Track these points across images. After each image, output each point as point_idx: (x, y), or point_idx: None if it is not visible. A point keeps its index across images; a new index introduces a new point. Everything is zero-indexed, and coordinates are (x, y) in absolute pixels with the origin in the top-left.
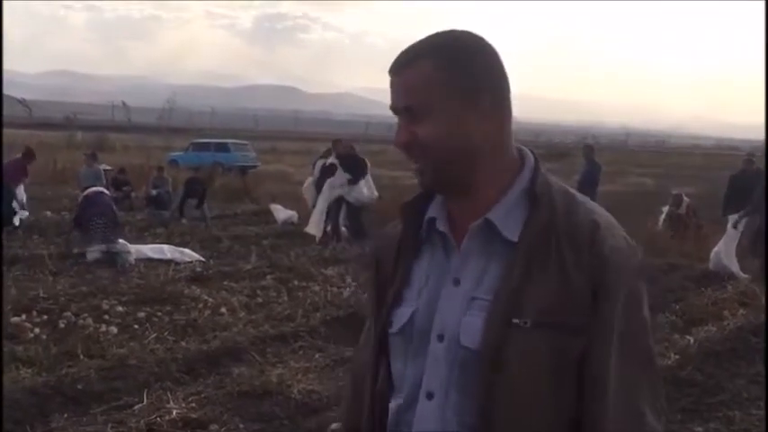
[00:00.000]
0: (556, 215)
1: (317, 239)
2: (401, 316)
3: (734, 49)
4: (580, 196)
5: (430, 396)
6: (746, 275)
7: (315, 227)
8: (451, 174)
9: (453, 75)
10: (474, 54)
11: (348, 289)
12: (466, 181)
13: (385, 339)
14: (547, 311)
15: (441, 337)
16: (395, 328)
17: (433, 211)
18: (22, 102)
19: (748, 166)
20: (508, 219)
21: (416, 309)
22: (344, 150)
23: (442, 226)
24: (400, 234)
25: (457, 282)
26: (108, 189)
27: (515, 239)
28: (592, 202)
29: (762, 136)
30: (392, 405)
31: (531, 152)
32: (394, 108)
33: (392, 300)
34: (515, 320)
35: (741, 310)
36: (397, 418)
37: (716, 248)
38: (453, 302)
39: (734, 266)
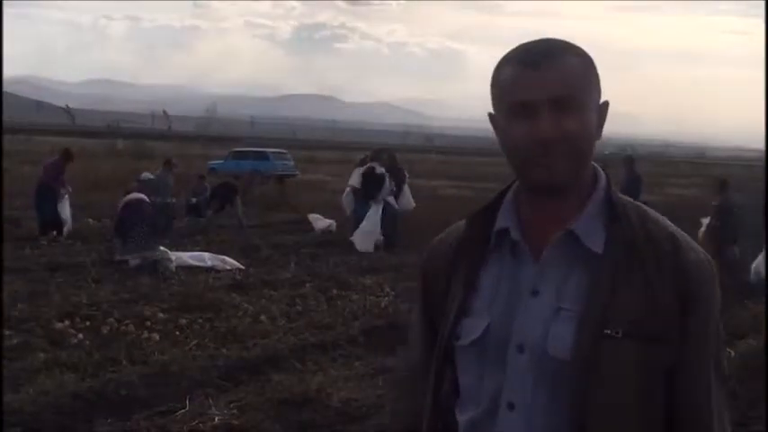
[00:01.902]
0: (634, 228)
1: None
2: (473, 328)
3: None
4: (649, 210)
5: (511, 407)
6: None
7: (367, 242)
8: (576, 174)
9: (594, 75)
10: (595, 66)
11: (386, 298)
12: (575, 184)
13: (450, 351)
14: (636, 322)
15: (521, 348)
16: (466, 341)
17: (503, 220)
18: (66, 109)
19: None
20: (590, 230)
21: (491, 321)
22: (390, 161)
23: (516, 235)
24: (463, 244)
25: (535, 293)
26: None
27: (600, 251)
28: (660, 215)
29: None
30: (463, 418)
31: (624, 161)
32: (530, 100)
33: (458, 310)
34: (607, 331)
35: None
36: (473, 429)
37: (756, 261)
38: (534, 313)
39: None
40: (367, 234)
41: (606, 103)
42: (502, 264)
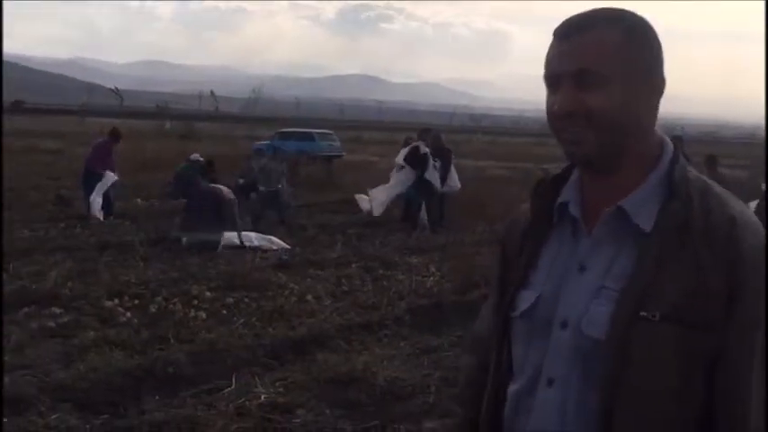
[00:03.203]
0: (692, 209)
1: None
2: (525, 300)
3: None
4: (718, 188)
5: (550, 383)
6: None
7: (379, 205)
8: (611, 148)
9: (636, 47)
10: (650, 31)
11: (432, 278)
12: (618, 158)
13: (508, 322)
14: (677, 306)
15: (564, 324)
16: (518, 312)
17: (566, 194)
18: (115, 91)
19: None
20: (643, 208)
21: (541, 294)
22: (434, 141)
23: (574, 210)
24: (529, 217)
25: (582, 268)
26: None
27: (648, 230)
28: (729, 194)
29: None
30: (511, 389)
31: (672, 141)
32: (556, 73)
33: (518, 283)
34: (643, 313)
35: None
36: (516, 402)
37: None
38: (579, 289)
39: None
40: (380, 191)
41: (663, 79)
42: (562, 238)
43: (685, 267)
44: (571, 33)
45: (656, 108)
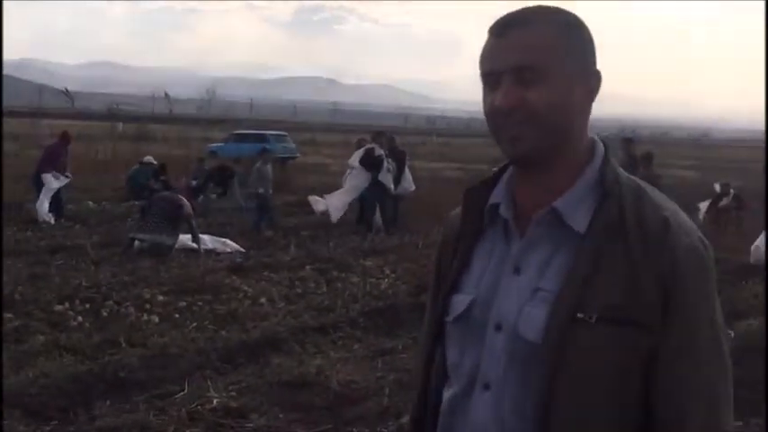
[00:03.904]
0: (625, 209)
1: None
2: (459, 303)
3: None
4: (650, 189)
5: (486, 387)
6: None
7: (336, 210)
8: (550, 146)
9: (573, 43)
10: (585, 28)
11: (386, 280)
12: (555, 157)
13: (442, 326)
14: (613, 307)
15: (498, 327)
16: (451, 316)
17: (497, 196)
18: (66, 92)
19: None
20: (576, 209)
21: (475, 297)
22: (388, 143)
23: (505, 212)
24: (461, 220)
25: (517, 270)
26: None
27: (582, 231)
28: (662, 195)
29: None
30: (446, 394)
31: (602, 141)
32: (495, 70)
33: (450, 286)
34: (580, 315)
35: None
36: (451, 407)
37: (757, 242)
38: (513, 292)
39: None
40: (336, 197)
41: (597, 73)
42: (494, 240)
43: (620, 268)
44: (508, 30)
45: (590, 108)
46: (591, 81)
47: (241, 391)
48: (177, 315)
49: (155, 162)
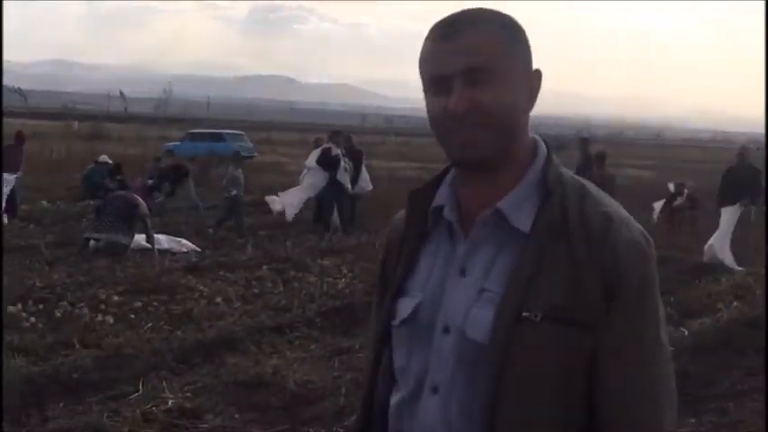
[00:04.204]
0: (568, 208)
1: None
2: (405, 307)
3: (729, 43)
4: (593, 188)
5: (435, 390)
6: (741, 268)
7: (291, 208)
8: (501, 148)
9: (515, 45)
10: (522, 30)
11: (344, 279)
12: (502, 159)
13: (388, 331)
14: (557, 307)
15: (446, 330)
16: (398, 320)
17: (441, 199)
18: (18, 91)
19: (742, 160)
20: (520, 209)
21: (421, 300)
22: (346, 142)
23: (449, 214)
24: (405, 223)
25: (463, 272)
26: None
27: (527, 231)
28: (603, 193)
29: (758, 129)
30: (394, 398)
31: (545, 141)
32: (444, 74)
33: (396, 290)
34: (525, 314)
35: (735, 303)
36: (399, 411)
37: (710, 241)
38: (460, 294)
39: (728, 259)
40: (292, 195)
41: (537, 72)
42: (439, 242)
43: (564, 266)
44: (454, 33)
45: (532, 107)
46: (533, 80)
47: (196, 391)
48: (132, 315)
49: (110, 161)
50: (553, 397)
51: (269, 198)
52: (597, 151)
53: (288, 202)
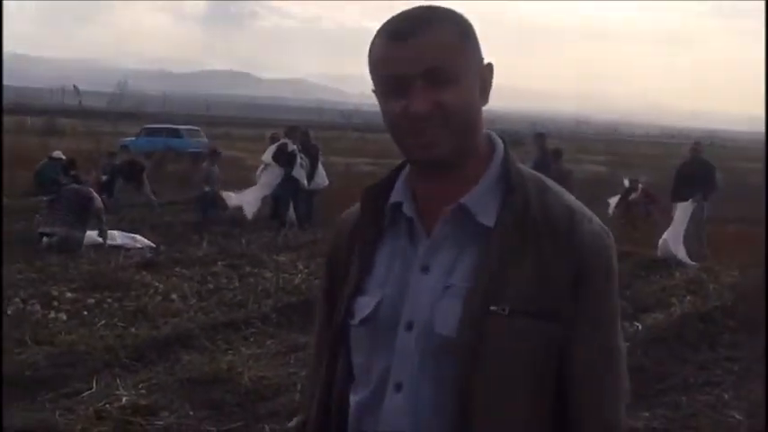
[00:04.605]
0: (531, 202)
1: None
2: (364, 306)
3: (678, 38)
4: (550, 182)
5: (398, 387)
6: (694, 263)
7: (250, 207)
8: (463, 146)
9: (469, 42)
10: (473, 28)
11: (300, 275)
12: (465, 155)
13: (344, 331)
14: (526, 298)
15: (409, 326)
16: (357, 320)
17: (397, 195)
18: None
19: (695, 155)
20: (483, 204)
21: (381, 299)
22: (302, 138)
23: (408, 210)
24: (357, 220)
25: (425, 269)
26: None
27: (492, 225)
28: (562, 188)
29: (709, 124)
30: (354, 399)
31: (501, 137)
32: (402, 75)
33: (353, 289)
34: (493, 307)
35: (688, 297)
36: (360, 412)
37: (664, 236)
38: (424, 290)
39: (681, 254)
40: (250, 193)
41: (489, 66)
42: (397, 240)
43: (529, 259)
44: (409, 34)
45: (486, 103)
46: (485, 75)
47: (151, 388)
48: (86, 312)
49: (64, 157)
50: (524, 390)
51: (225, 194)
52: (554, 148)
53: (246, 200)
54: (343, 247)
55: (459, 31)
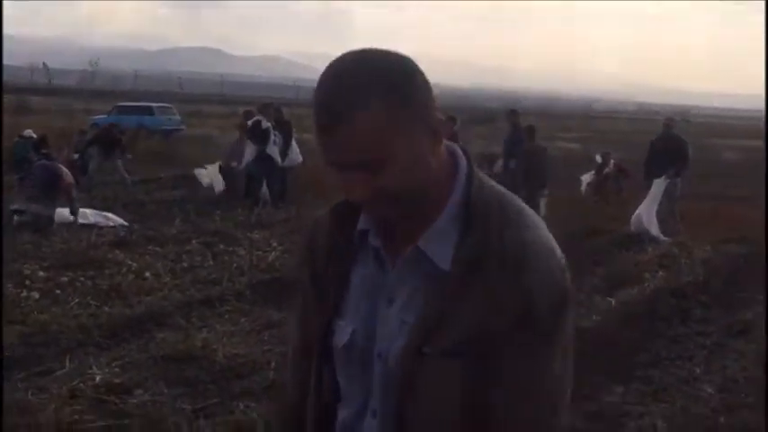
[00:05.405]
0: (489, 235)
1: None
2: (343, 332)
3: (653, 16)
4: (515, 206)
5: (374, 414)
6: (666, 238)
7: (219, 181)
8: (415, 206)
9: (407, 110)
10: (413, 76)
11: (274, 253)
12: (422, 200)
13: (328, 350)
14: (462, 341)
15: (380, 356)
16: (338, 344)
17: (365, 221)
18: None
19: (668, 130)
20: (440, 245)
21: (355, 328)
22: (275, 114)
23: (374, 240)
24: (331, 240)
25: (390, 301)
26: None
27: (447, 267)
28: (529, 212)
29: (679, 100)
30: (341, 414)
31: (463, 150)
32: (335, 162)
33: (333, 308)
34: (426, 349)
35: (661, 273)
36: (345, 427)
37: (637, 211)
38: (388, 322)
39: (654, 229)
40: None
41: (438, 120)
42: (367, 265)
43: (477, 301)
44: (335, 124)
45: (440, 144)
46: (434, 120)
47: (124, 366)
48: (58, 291)
49: (34, 135)
50: (453, 427)
51: (197, 171)
52: (527, 125)
53: (214, 175)
54: (321, 254)
55: (387, 104)
